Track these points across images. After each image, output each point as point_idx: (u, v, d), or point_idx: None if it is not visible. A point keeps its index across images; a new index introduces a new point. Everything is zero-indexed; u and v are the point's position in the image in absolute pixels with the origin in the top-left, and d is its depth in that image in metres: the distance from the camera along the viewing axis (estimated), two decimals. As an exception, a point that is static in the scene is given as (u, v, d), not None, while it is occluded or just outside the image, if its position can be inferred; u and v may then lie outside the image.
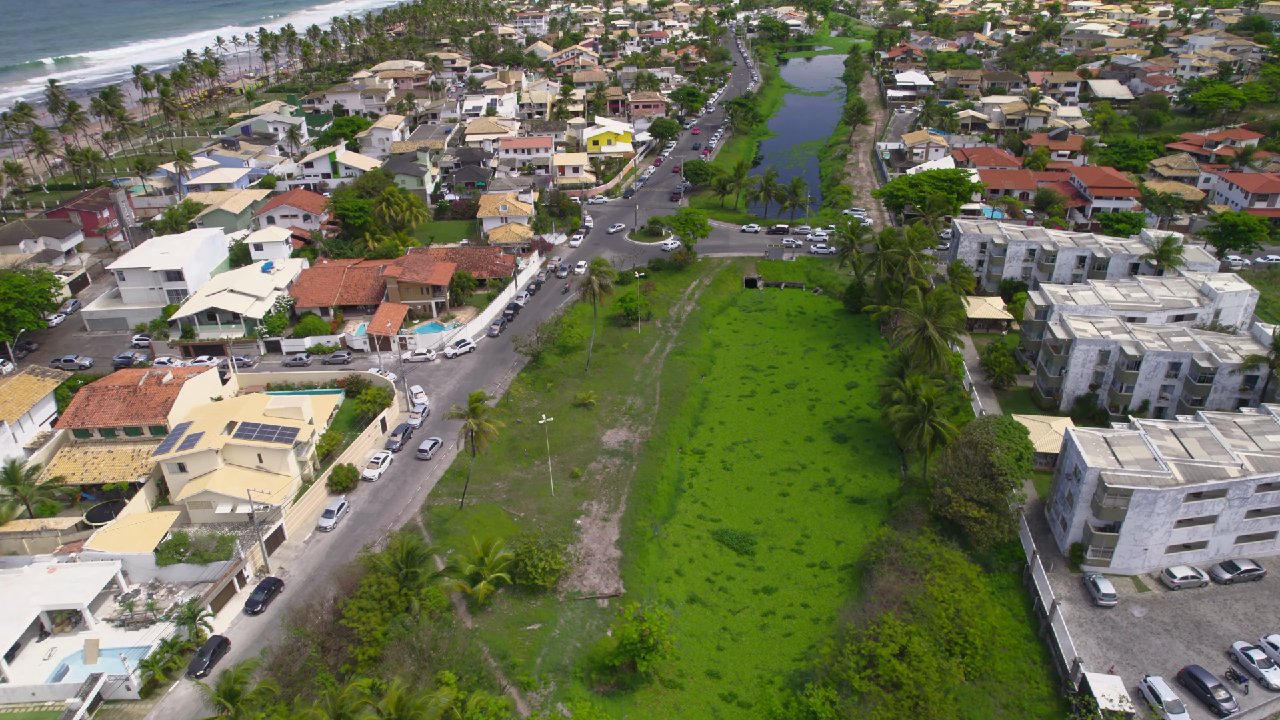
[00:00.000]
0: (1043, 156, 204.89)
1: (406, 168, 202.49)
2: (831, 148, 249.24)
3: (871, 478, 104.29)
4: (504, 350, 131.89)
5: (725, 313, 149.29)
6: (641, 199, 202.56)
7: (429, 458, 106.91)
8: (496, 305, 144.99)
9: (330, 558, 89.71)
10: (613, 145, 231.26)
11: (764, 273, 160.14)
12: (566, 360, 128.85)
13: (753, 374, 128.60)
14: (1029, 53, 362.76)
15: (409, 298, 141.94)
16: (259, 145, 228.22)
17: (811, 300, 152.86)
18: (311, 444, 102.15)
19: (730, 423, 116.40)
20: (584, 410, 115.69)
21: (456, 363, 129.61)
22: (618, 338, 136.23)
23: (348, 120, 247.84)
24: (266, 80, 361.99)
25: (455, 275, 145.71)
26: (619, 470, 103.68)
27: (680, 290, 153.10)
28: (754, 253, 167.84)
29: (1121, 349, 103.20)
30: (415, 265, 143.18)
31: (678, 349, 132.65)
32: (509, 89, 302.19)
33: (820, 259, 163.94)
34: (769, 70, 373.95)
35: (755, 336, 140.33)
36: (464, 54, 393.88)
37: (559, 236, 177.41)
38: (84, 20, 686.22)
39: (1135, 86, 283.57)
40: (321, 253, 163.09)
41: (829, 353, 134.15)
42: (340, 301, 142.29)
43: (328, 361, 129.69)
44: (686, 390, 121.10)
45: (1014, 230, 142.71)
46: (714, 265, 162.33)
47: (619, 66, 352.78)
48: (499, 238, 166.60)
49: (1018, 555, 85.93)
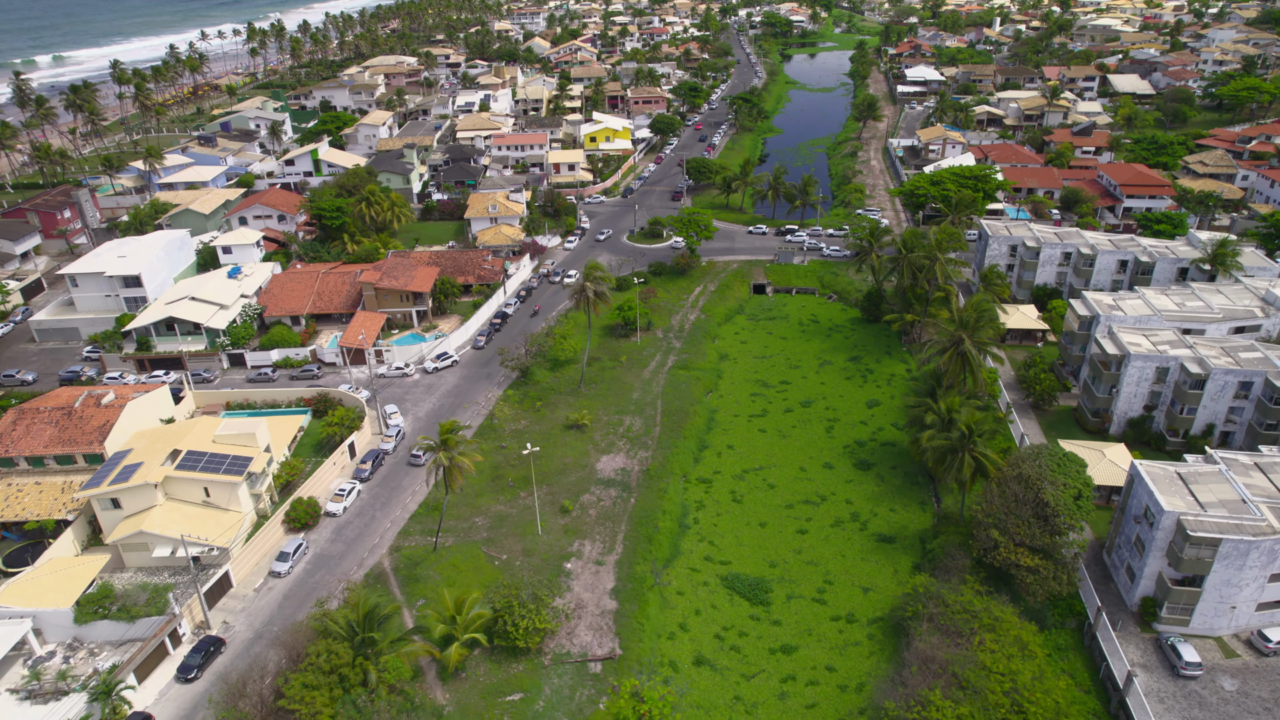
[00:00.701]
0: (1066, 153, 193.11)
1: (392, 165, 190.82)
2: (841, 145, 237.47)
3: (900, 511, 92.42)
4: (490, 364, 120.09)
5: (732, 321, 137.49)
6: (641, 198, 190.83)
7: (422, 463, 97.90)
8: (483, 314, 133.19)
9: (283, 610, 77.90)
10: (611, 142, 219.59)
11: (773, 277, 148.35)
12: (558, 375, 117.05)
13: (763, 390, 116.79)
14: (1041, 48, 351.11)
15: (387, 306, 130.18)
16: (238, 142, 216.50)
17: (825, 307, 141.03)
18: (268, 474, 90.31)
19: (740, 447, 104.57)
20: (577, 433, 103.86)
21: (437, 378, 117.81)
22: (615, 350, 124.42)
23: (333, 116, 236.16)
24: (255, 77, 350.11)
25: (438, 281, 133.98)
26: (615, 503, 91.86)
27: (683, 297, 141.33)
28: (762, 255, 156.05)
29: (1183, 366, 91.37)
30: (394, 270, 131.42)
31: (681, 362, 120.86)
32: (504, 85, 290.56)
33: (834, 262, 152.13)
34: (773, 66, 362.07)
35: (765, 348, 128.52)
36: (459, 50, 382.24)
37: (553, 238, 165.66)
38: (79, 18, 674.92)
39: (1156, 81, 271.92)
40: (296, 256, 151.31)
41: (846, 366, 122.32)
42: (313, 310, 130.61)
43: (296, 377, 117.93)
44: (691, 409, 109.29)
45: (1047, 232, 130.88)
46: (719, 269, 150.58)
47: (618, 62, 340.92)
48: (487, 240, 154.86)
49: (1077, 610, 74.07)
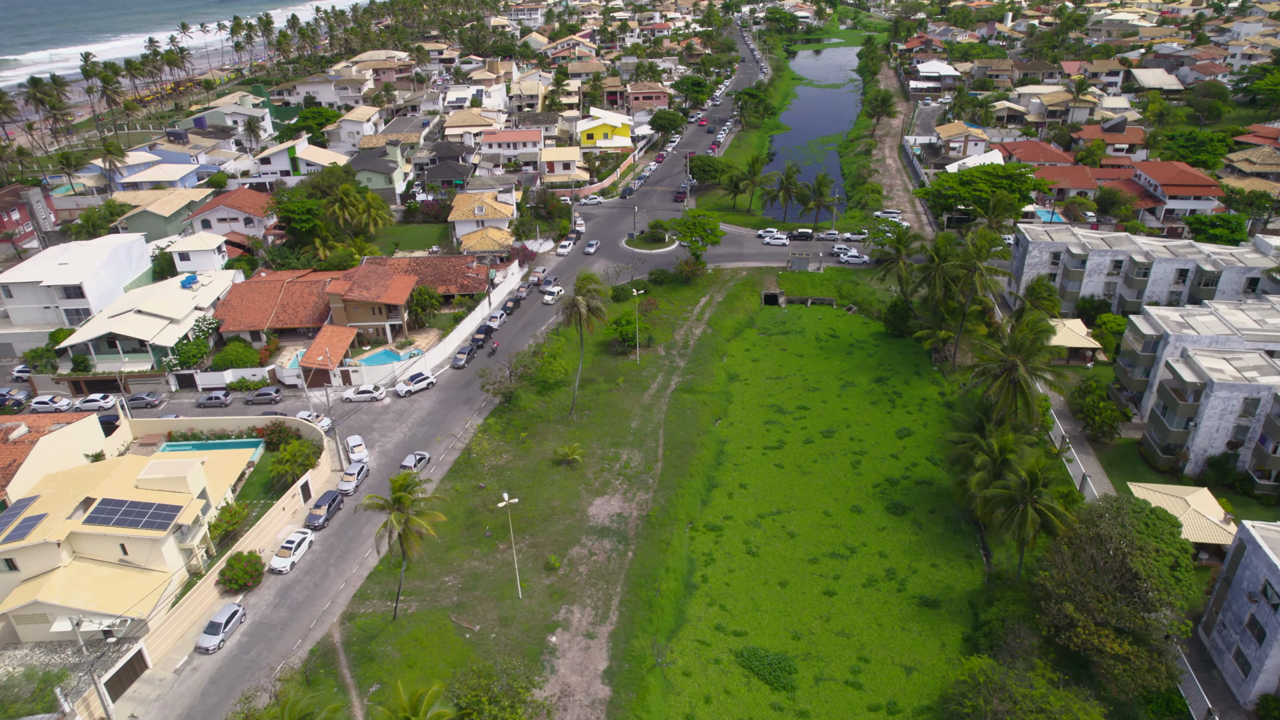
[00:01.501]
0: (1098, 151, 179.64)
1: (373, 164, 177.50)
2: (853, 143, 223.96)
3: (943, 567, 78.93)
4: (470, 386, 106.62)
5: (742, 336, 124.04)
6: (641, 199, 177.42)
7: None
8: (464, 328, 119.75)
9: (205, 699, 64.48)
10: (609, 139, 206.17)
11: (786, 287, 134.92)
12: (547, 400, 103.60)
13: (779, 417, 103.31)
14: (1057, 43, 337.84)
15: (357, 319, 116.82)
16: (212, 140, 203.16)
17: (845, 320, 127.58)
18: (202, 525, 76.87)
19: (754, 485, 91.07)
20: (566, 470, 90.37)
21: (410, 403, 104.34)
22: (611, 370, 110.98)
23: (314, 112, 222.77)
24: (240, 73, 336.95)
25: (415, 292, 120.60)
26: (610, 558, 78.42)
27: (687, 308, 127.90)
28: (773, 262, 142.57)
29: (1277, 397, 77.92)
30: (366, 280, 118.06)
31: (685, 384, 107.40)
32: (497, 80, 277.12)
33: (852, 270, 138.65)
34: (778, 62, 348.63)
35: (780, 367, 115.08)
36: (453, 45, 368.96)
37: (545, 243, 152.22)
38: (71, 14, 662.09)
39: (1184, 75, 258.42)
40: (262, 263, 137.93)
41: (871, 389, 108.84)
42: (275, 324, 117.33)
43: (252, 401, 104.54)
44: (697, 441, 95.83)
45: (1093, 237, 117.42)
46: (726, 277, 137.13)
47: (617, 58, 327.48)
48: (473, 245, 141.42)
49: (1177, 708, 60.59)
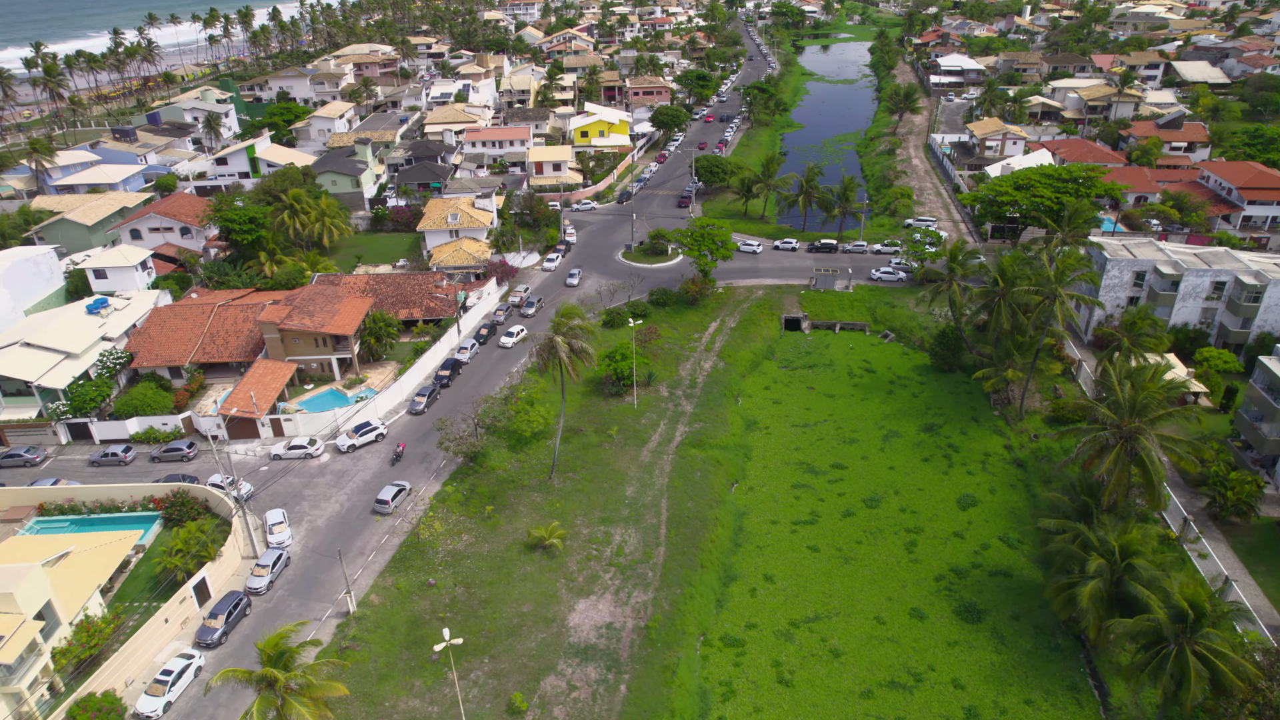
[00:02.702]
0: (1154, 150, 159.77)
1: (340, 164, 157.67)
2: (873, 141, 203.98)
3: (1041, 705, 58.90)
4: (429, 439, 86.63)
5: (760, 370, 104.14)
6: (640, 204, 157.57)
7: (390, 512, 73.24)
8: (427, 362, 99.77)
9: None
10: (606, 137, 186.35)
11: (810, 309, 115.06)
12: (522, 458, 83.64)
13: (810, 479, 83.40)
14: (1082, 35, 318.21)
15: (298, 352, 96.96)
16: (165, 137, 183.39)
17: (881, 351, 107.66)
18: (42, 654, 56.91)
19: (783, 578, 71.15)
20: (542, 558, 70.50)
21: (354, 461, 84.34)
22: (602, 416, 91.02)
23: (282, 108, 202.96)
24: (216, 68, 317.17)
25: (369, 318, 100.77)
26: (597, 694, 58.50)
27: (694, 335, 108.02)
28: (793, 279, 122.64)
29: None
30: (309, 305, 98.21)
31: (693, 436, 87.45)
32: (487, 74, 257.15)
33: (887, 288, 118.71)
34: (787, 57, 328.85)
35: (806, 411, 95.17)
36: (442, 39, 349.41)
37: (529, 255, 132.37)
38: (56, 12, 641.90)
39: (1230, 68, 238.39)
40: (197, 281, 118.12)
41: (921, 439, 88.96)
42: (201, 357, 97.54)
43: (159, 458, 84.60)
44: (709, 515, 75.94)
45: (1186, 254, 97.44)
46: (740, 297, 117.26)
47: (616, 52, 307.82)
48: (444, 259, 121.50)
49: None
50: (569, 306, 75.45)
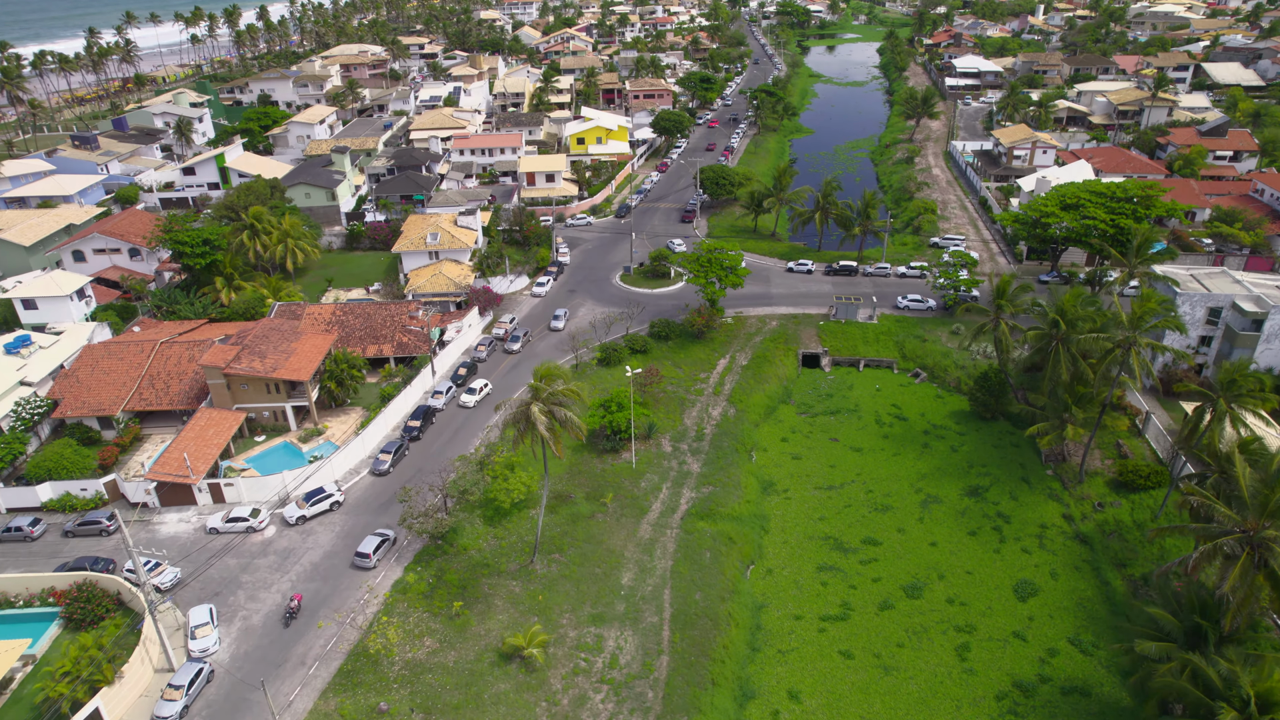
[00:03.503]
0: (1198, 160, 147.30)
1: (314, 175, 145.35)
2: (889, 149, 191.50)
3: None
4: (393, 508, 74.15)
5: (775, 417, 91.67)
6: (641, 219, 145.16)
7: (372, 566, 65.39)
8: (395, 411, 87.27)
9: None
10: (604, 144, 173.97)
11: (831, 343, 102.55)
12: (499, 533, 71.21)
13: (839, 559, 70.99)
14: (1100, 36, 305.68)
15: (249, 399, 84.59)
16: (130, 145, 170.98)
17: (912, 393, 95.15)
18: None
19: (810, 694, 58.67)
20: (520, 672, 58.00)
21: (304, 536, 71.91)
22: (595, 478, 78.56)
23: (259, 112, 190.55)
24: (200, 69, 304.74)
25: (331, 358, 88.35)
26: None
27: (701, 375, 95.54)
28: (810, 306, 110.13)
29: None
30: (261, 344, 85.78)
31: (701, 504, 75.00)
32: (480, 77, 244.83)
33: (915, 318, 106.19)
34: (793, 58, 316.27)
35: (830, 469, 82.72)
36: (436, 39, 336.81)
37: (517, 278, 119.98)
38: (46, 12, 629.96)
39: (1263, 70, 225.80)
40: (144, 311, 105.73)
41: (965, 505, 76.54)
42: (137, 405, 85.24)
43: (74, 531, 72.12)
44: (720, 610, 63.45)
45: (1269, 287, 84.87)
46: (751, 329, 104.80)
47: (616, 52, 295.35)
48: (421, 285, 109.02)
49: None
50: (548, 367, 62.70)
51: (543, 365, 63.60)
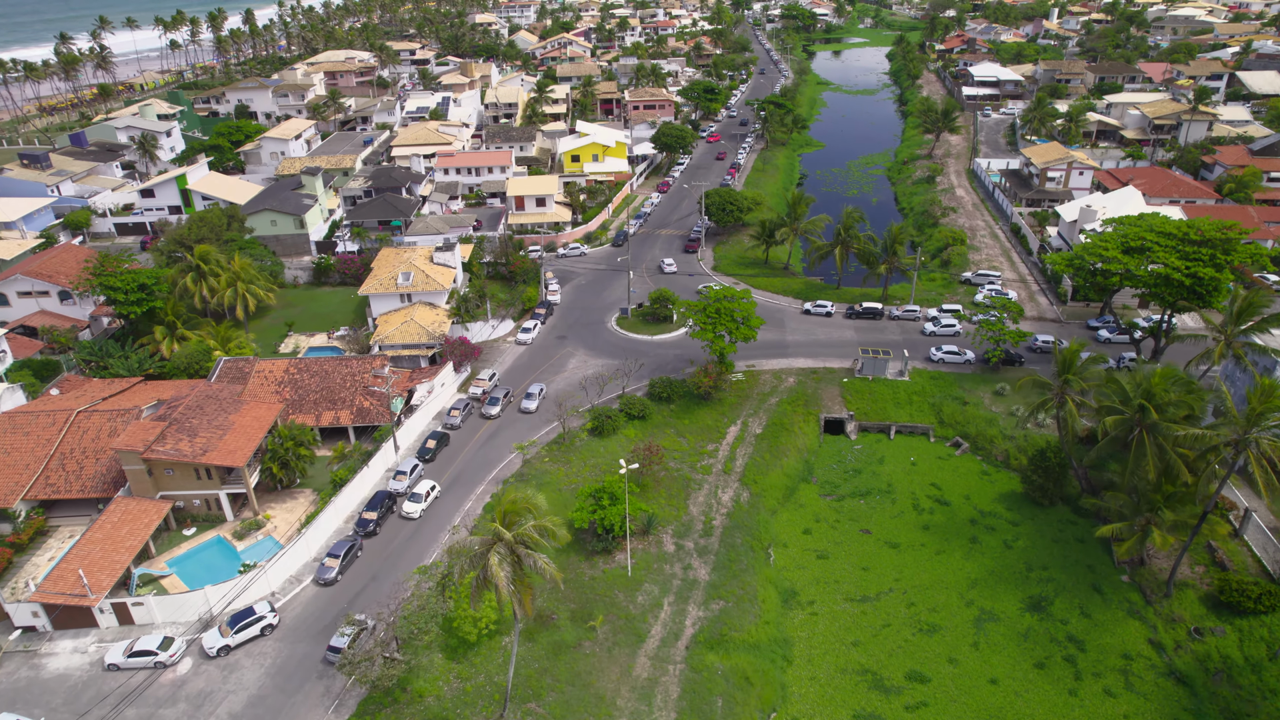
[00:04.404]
0: (1252, 183, 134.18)
1: (280, 200, 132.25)
2: (906, 166, 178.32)
3: None
4: (337, 630, 60.99)
5: (795, 500, 78.56)
6: (640, 248, 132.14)
7: None
8: (346, 501, 74.12)
9: None
10: (600, 162, 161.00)
11: (856, 405, 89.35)
12: (465, 672, 58.01)
13: (878, 702, 57.83)
14: (1120, 41, 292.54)
15: (176, 484, 71.62)
16: (88, 162, 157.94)
17: (953, 468, 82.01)
18: None
19: None
20: None
21: (225, 674, 58.67)
22: (583, 590, 65.38)
23: (230, 126, 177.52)
24: (181, 75, 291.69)
25: (275, 433, 75.32)
26: None
27: (708, 447, 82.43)
28: (831, 358, 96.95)
29: None
30: (193, 417, 72.78)
31: (710, 626, 61.83)
32: (471, 85, 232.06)
33: (952, 374, 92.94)
34: (800, 64, 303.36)
35: (863, 573, 69.58)
36: (429, 45, 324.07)
37: (500, 322, 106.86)
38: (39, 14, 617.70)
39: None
40: (71, 367, 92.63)
41: (1027, 625, 63.40)
42: (43, 492, 72.27)
43: (-55, 664, 59.21)
44: (738, 788, 50.38)
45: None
46: (764, 387, 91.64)
47: (615, 59, 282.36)
48: (390, 335, 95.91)
49: None
50: (512, 500, 49.05)
51: (507, 495, 50.32)
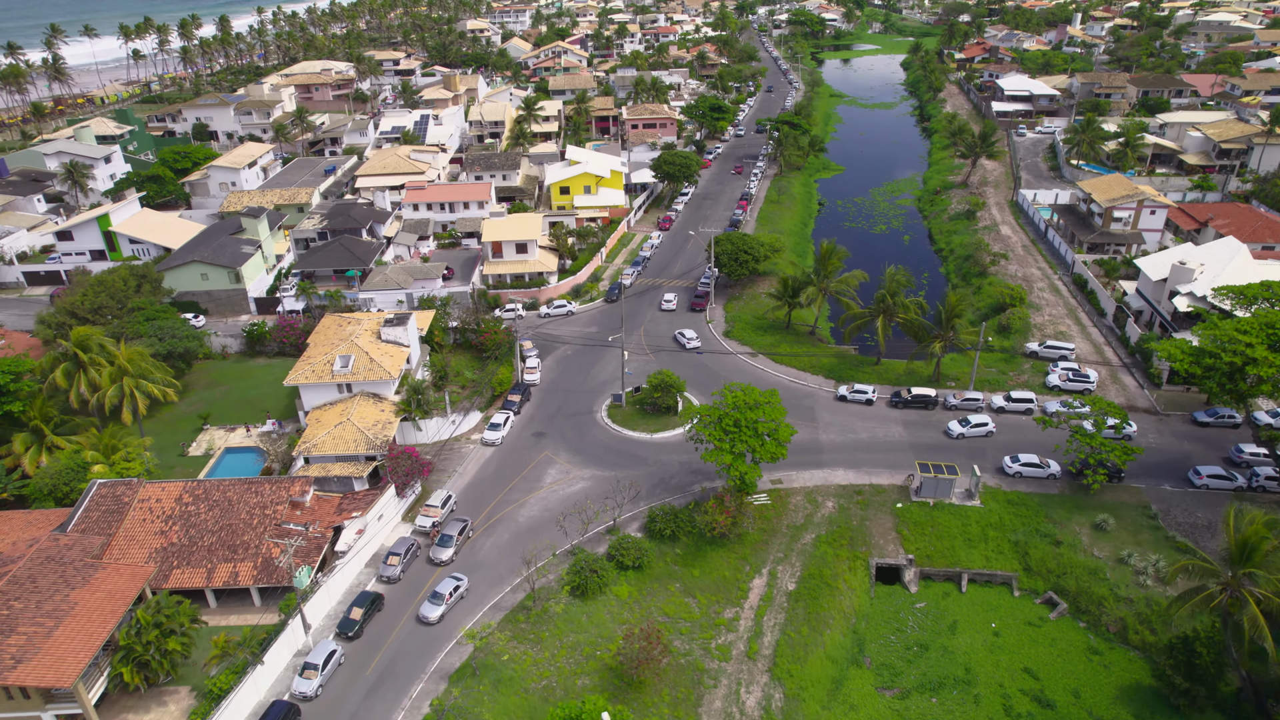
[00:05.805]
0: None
1: (213, 250, 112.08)
2: (939, 197, 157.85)
3: None
4: None
5: (842, 698, 58.02)
6: (638, 306, 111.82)
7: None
8: (239, 704, 53.62)
9: None
10: (594, 194, 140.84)
11: (915, 543, 68.86)
12: None
13: None
14: (1153, 50, 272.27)
15: (-17, 703, 51.28)
16: (5, 195, 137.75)
17: (1051, 642, 61.46)
18: None
19: None
20: None
21: None
22: None
23: (175, 152, 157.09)
24: (147, 88, 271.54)
25: (136, 617, 54.93)
26: None
27: (725, 612, 62.03)
28: (878, 468, 76.44)
29: None
30: (9, 600, 52.43)
31: None
32: (455, 100, 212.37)
33: (1034, 496, 72.51)
34: (811, 75, 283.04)
35: (951, 835, 49.29)
36: (416, 54, 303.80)
37: (465, 416, 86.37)
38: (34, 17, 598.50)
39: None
40: (-95, 488, 72.30)
41: None
42: None
43: None
44: None
45: None
46: (795, 515, 71.21)
47: (613, 69, 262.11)
48: (320, 440, 75.46)
49: None
50: None
51: None
